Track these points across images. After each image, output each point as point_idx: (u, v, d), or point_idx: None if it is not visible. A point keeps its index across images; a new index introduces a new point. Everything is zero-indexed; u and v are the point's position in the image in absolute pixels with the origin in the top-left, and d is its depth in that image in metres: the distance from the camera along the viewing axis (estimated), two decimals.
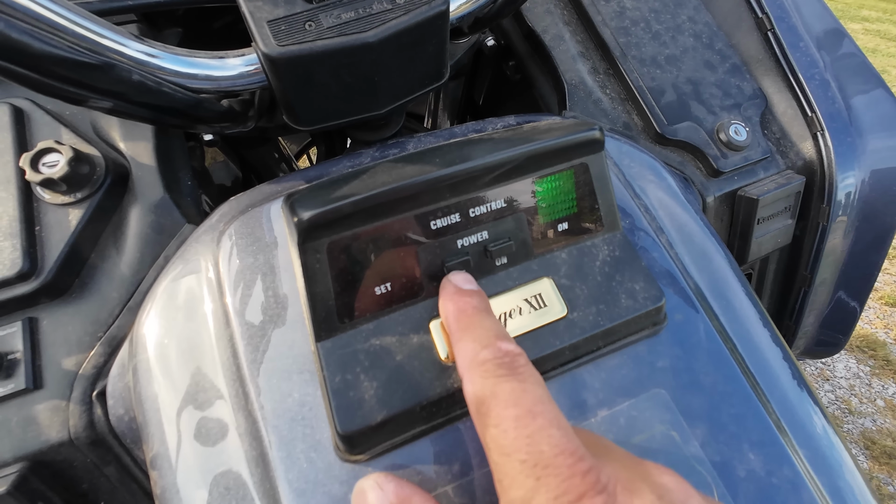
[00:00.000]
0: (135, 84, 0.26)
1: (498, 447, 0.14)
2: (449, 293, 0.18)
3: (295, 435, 0.21)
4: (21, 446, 0.28)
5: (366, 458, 0.19)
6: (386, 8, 0.30)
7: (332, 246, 0.19)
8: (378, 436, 0.19)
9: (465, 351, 0.16)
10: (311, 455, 0.20)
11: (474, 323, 0.17)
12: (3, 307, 0.29)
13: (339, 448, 0.20)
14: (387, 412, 0.19)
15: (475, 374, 0.15)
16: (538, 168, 0.21)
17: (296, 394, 0.22)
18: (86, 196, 0.31)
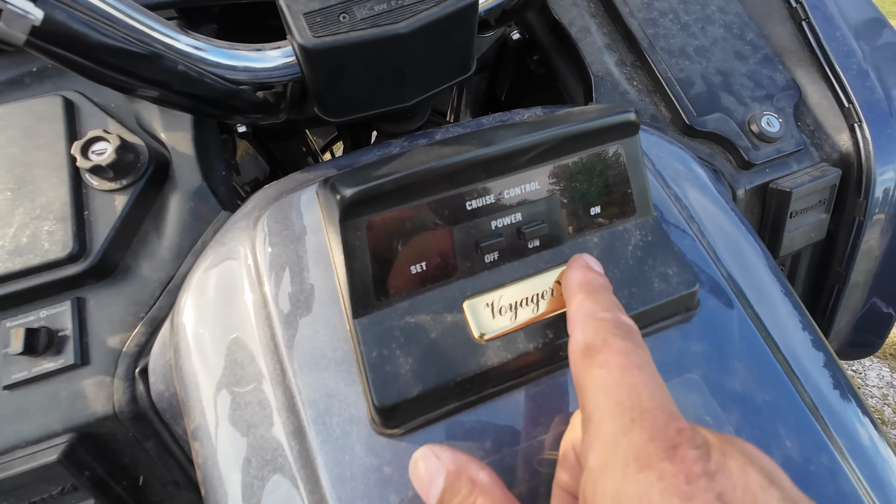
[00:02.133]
0: (179, 74, 0.27)
1: (599, 385, 0.14)
2: (579, 265, 0.19)
3: (331, 409, 0.21)
4: (70, 418, 0.29)
5: (400, 431, 0.20)
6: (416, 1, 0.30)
7: (371, 224, 0.19)
8: (413, 410, 0.20)
9: (585, 307, 0.17)
10: (347, 428, 0.21)
11: (599, 293, 0.18)
12: (54, 287, 0.31)
13: (375, 422, 0.20)
14: (422, 387, 0.19)
15: (590, 324, 0.16)
16: (572, 151, 0.21)
17: (331, 370, 0.22)
18: (130, 183, 0.33)
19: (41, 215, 0.31)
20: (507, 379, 0.21)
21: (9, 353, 0.29)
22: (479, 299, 0.21)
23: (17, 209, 0.31)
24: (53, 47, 0.22)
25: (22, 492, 0.28)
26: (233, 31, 0.48)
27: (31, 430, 0.29)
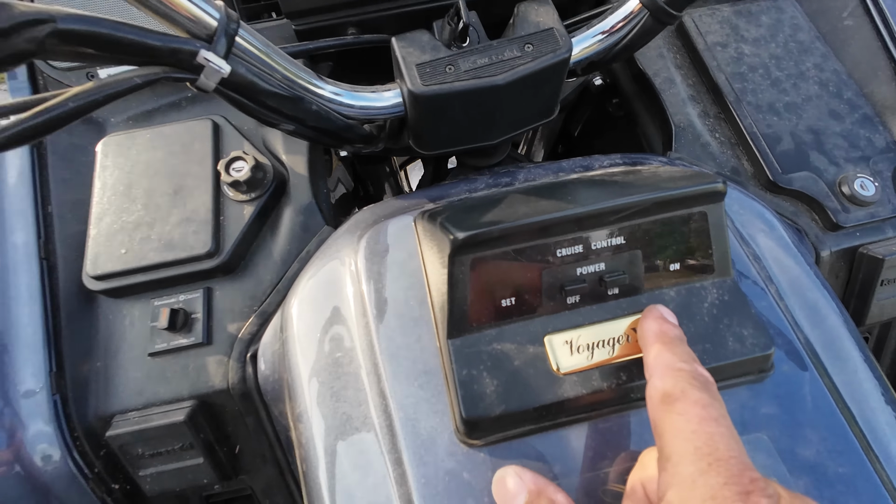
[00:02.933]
0: (314, 112, 0.32)
1: (678, 430, 0.16)
2: (655, 316, 0.21)
3: (419, 414, 0.25)
4: (194, 387, 0.35)
5: (481, 443, 0.23)
6: (515, 55, 0.34)
7: (474, 261, 0.23)
8: (494, 427, 0.23)
9: (663, 357, 0.19)
10: (432, 433, 0.24)
11: (676, 344, 0.20)
12: (191, 277, 0.37)
13: (459, 431, 0.23)
14: (504, 408, 0.22)
15: (668, 374, 0.18)
16: (660, 212, 0.23)
17: (420, 379, 0.26)
18: (257, 196, 0.39)
19: (190, 217, 0.38)
20: (580, 411, 0.23)
21: (156, 327, 0.36)
22: (559, 336, 0.24)
23: (174, 210, 0.38)
24: (230, 92, 0.28)
25: (154, 442, 0.35)
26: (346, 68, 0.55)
27: (166, 392, 0.35)
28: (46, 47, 0.20)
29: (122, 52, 0.23)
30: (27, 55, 0.20)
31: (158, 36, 0.24)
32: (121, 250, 0.37)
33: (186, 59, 0.25)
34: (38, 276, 0.36)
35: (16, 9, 0.19)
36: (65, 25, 0.21)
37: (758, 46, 0.45)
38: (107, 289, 0.37)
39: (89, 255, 0.37)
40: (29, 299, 0.36)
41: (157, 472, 0.36)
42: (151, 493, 0.36)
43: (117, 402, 0.35)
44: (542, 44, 0.34)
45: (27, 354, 0.34)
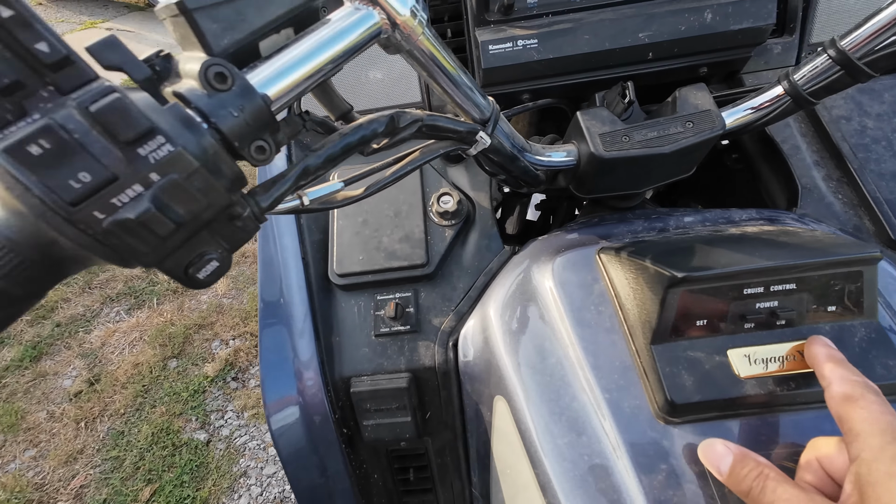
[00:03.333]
0: (520, 166, 0.44)
1: (863, 418, 0.23)
2: (823, 343, 0.30)
3: (622, 396, 0.34)
4: (409, 362, 0.47)
5: (678, 421, 0.32)
6: (679, 130, 0.44)
7: (684, 294, 0.32)
8: (691, 410, 0.32)
9: (838, 371, 0.27)
10: (634, 411, 0.34)
11: (845, 364, 0.28)
12: (405, 281, 0.50)
13: (659, 412, 0.33)
14: (701, 397, 0.32)
15: (846, 383, 0.26)
16: (828, 269, 0.32)
17: (616, 373, 0.35)
18: (456, 223, 0.51)
19: (408, 235, 0.51)
20: (756, 407, 0.32)
21: (380, 315, 0.49)
22: (739, 350, 0.33)
23: (395, 229, 0.51)
24: (481, 156, 0.40)
25: (379, 401, 0.47)
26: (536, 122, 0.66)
27: (389, 364, 0.47)
28: (414, 134, 0.33)
29: (443, 132, 0.35)
30: (405, 139, 0.33)
31: (462, 123, 0.36)
32: (359, 256, 0.50)
33: (470, 136, 0.37)
34: (301, 270, 0.50)
35: (407, 114, 0.32)
36: (427, 121, 0.33)
37: (881, 121, 0.52)
38: (345, 284, 0.50)
39: (336, 258, 0.50)
40: (298, 285, 0.49)
41: (376, 423, 0.48)
42: (368, 440, 0.48)
43: (353, 367, 0.48)
44: (701, 122, 0.44)
45: (303, 324, 0.48)
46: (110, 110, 0.17)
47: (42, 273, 0.18)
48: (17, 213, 0.17)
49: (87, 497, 1.21)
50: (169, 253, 0.20)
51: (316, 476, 0.47)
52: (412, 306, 0.49)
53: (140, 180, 0.18)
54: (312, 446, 0.46)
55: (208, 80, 0.20)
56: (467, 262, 0.51)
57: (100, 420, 1.38)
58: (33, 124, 0.16)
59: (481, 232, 0.52)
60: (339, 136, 0.29)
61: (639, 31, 0.49)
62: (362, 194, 0.34)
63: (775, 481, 0.25)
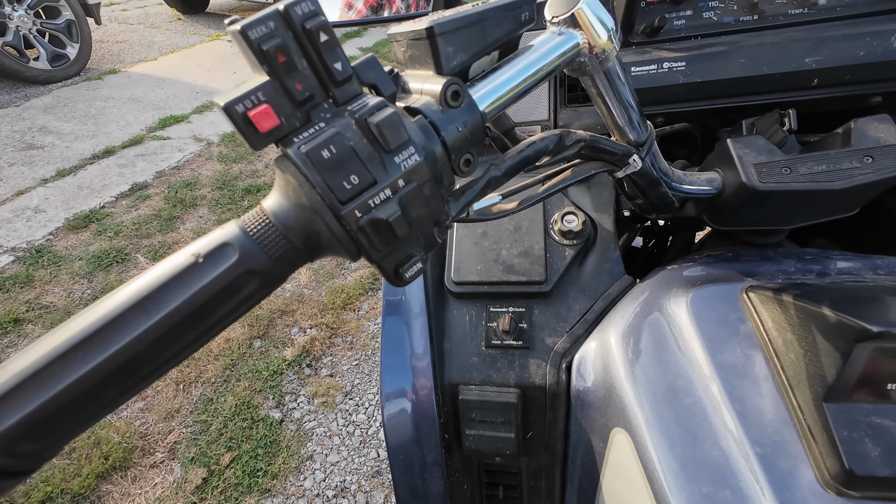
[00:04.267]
0: (660, 193, 0.42)
1: None
2: None
3: (777, 454, 0.31)
4: (519, 378, 0.47)
5: (857, 496, 0.28)
6: (854, 166, 0.40)
7: (875, 350, 0.29)
8: (877, 485, 0.28)
9: None
10: (792, 473, 0.30)
11: None
12: (521, 296, 0.50)
13: (830, 479, 0.29)
14: (890, 472, 0.28)
15: None
16: None
17: (770, 429, 0.32)
18: (577, 243, 0.50)
19: (527, 251, 0.51)
20: None
21: (492, 327, 0.49)
22: None
23: (515, 243, 0.52)
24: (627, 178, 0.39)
25: (485, 412, 0.47)
26: None
27: (498, 377, 0.47)
28: (576, 154, 0.33)
29: (603, 154, 0.35)
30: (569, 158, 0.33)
31: (619, 145, 0.36)
32: (476, 267, 0.51)
33: (624, 159, 0.37)
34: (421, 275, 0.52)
35: (574, 135, 0.32)
36: (589, 142, 0.33)
37: None
38: (460, 292, 0.51)
39: (453, 266, 0.52)
40: (418, 288, 0.51)
41: (478, 434, 0.48)
42: (467, 449, 0.49)
43: (461, 374, 0.49)
44: (884, 158, 0.39)
45: (420, 325, 0.50)
46: (387, 123, 0.19)
47: (297, 259, 0.21)
48: (299, 205, 0.19)
49: (179, 452, 1.35)
50: (392, 251, 0.22)
51: (416, 471, 0.49)
52: (525, 322, 0.49)
53: (391, 186, 0.20)
54: (417, 442, 0.48)
55: (446, 98, 0.22)
56: (585, 284, 0.50)
57: (195, 385, 1.54)
58: (324, 132, 0.19)
59: (602, 255, 0.51)
60: (517, 152, 0.30)
61: (805, 56, 0.46)
62: (516, 208, 0.35)
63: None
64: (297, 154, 0.19)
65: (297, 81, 0.19)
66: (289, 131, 0.19)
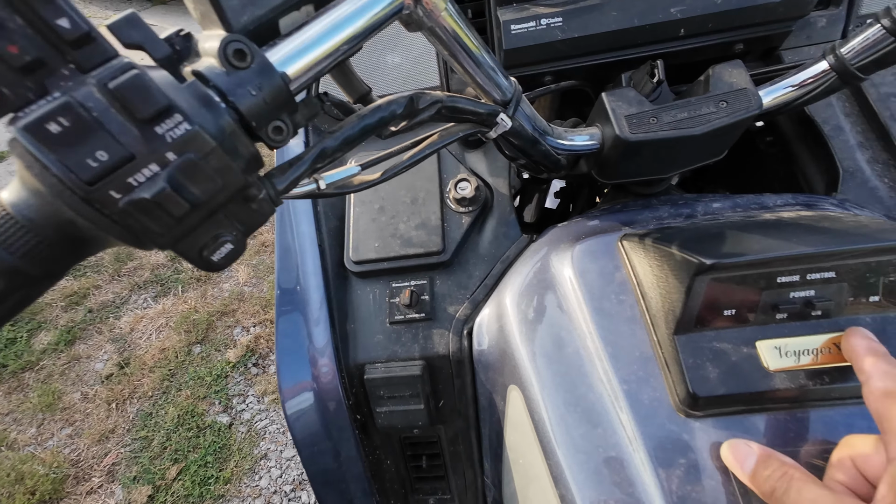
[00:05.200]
0: (541, 150, 0.42)
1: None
2: (863, 335, 0.28)
3: (640, 388, 0.33)
4: (423, 350, 0.47)
5: (700, 415, 0.31)
6: (711, 111, 0.41)
7: (711, 282, 0.31)
8: (715, 404, 0.30)
9: (880, 366, 0.26)
10: (653, 403, 0.32)
11: (886, 356, 0.26)
12: (421, 268, 0.49)
13: (680, 404, 0.31)
14: (726, 390, 0.30)
15: (888, 378, 0.25)
16: (869, 256, 0.29)
17: (636, 364, 0.34)
18: (473, 210, 0.50)
19: (424, 223, 0.50)
20: (786, 402, 0.30)
21: (395, 303, 0.48)
22: (769, 342, 0.31)
23: (412, 216, 0.50)
24: (501, 140, 0.39)
25: (393, 388, 0.47)
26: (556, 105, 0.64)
27: (403, 351, 0.47)
28: (435, 116, 0.32)
29: (462, 114, 0.34)
30: (425, 121, 0.32)
31: (483, 105, 0.35)
32: (374, 243, 0.50)
33: (491, 119, 0.36)
34: (317, 257, 0.50)
35: (427, 95, 0.31)
36: (447, 103, 0.32)
37: None
38: (361, 271, 0.50)
39: (352, 245, 0.50)
40: (315, 272, 0.49)
41: (388, 410, 0.48)
42: (380, 426, 0.49)
43: (367, 354, 0.48)
44: (736, 101, 0.41)
45: (317, 312, 0.48)
46: (129, 87, 0.17)
47: (59, 253, 0.18)
48: (36, 192, 0.17)
49: (119, 473, 1.27)
50: (184, 234, 0.19)
51: (330, 460, 0.48)
52: (427, 294, 0.49)
53: (157, 160, 0.18)
54: (326, 431, 0.47)
55: (227, 58, 0.20)
56: (484, 249, 0.50)
57: (129, 402, 1.44)
58: (53, 102, 0.16)
59: (499, 219, 0.51)
60: (358, 118, 0.28)
61: (670, 6, 0.47)
62: (379, 178, 0.34)
63: (801, 482, 0.24)
64: (18, 131, 0.16)
65: (10, 43, 0.16)
66: (18, 106, 0.17)
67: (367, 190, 0.53)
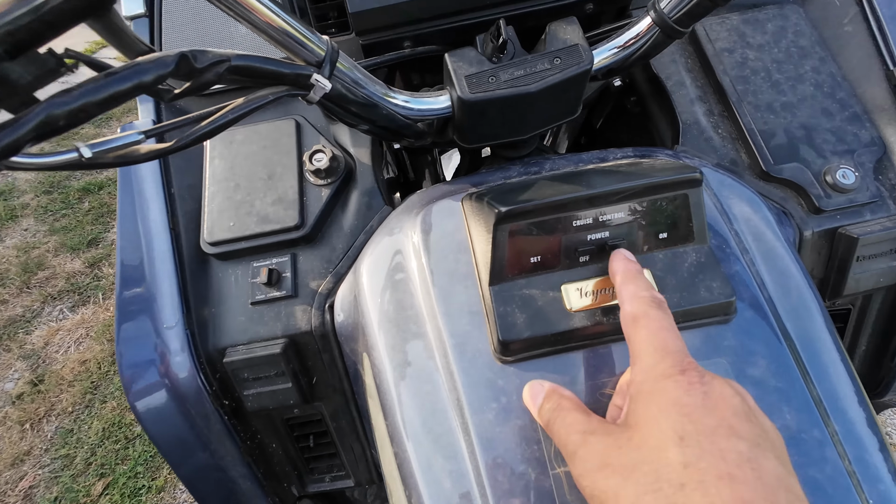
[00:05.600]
0: (384, 116, 0.41)
1: (641, 339, 0.24)
2: (621, 257, 0.29)
3: (467, 341, 0.34)
4: (286, 328, 0.46)
5: (512, 360, 0.32)
6: (546, 67, 0.42)
7: (512, 229, 0.31)
8: (522, 347, 0.31)
9: (630, 288, 0.27)
10: (476, 354, 0.33)
11: (638, 277, 0.28)
12: (281, 245, 0.48)
13: (497, 352, 0.32)
14: (530, 333, 0.31)
15: (636, 301, 0.26)
16: (652, 193, 0.31)
17: (466, 318, 0.35)
18: (332, 181, 0.49)
19: (281, 198, 0.48)
20: (585, 338, 0.31)
21: (255, 283, 0.47)
22: (572, 285, 0.32)
23: (268, 192, 0.48)
24: (327, 102, 0.38)
25: (256, 369, 0.45)
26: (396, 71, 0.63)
27: (265, 331, 0.46)
28: (223, 78, 0.30)
29: (265, 77, 0.33)
30: (212, 83, 0.30)
31: (286, 65, 0.33)
32: (229, 223, 0.47)
33: (304, 80, 0.34)
34: (169, 242, 0.47)
35: (208, 53, 0.29)
36: (236, 62, 0.30)
37: (762, 52, 0.51)
38: (218, 252, 0.47)
39: (206, 227, 0.47)
40: (164, 260, 0.47)
41: (256, 392, 0.46)
42: (251, 409, 0.47)
43: (228, 337, 0.46)
44: (568, 57, 0.42)
45: (168, 300, 0.45)
46: None
47: None
48: None
49: (38, 496, 1.19)
50: None
51: (200, 454, 0.46)
52: (289, 271, 0.47)
53: None
54: (190, 425, 0.45)
55: None
56: (348, 222, 0.49)
57: (46, 420, 1.34)
58: None
59: (362, 190, 0.50)
60: (105, 77, 0.25)
61: None
62: (172, 146, 0.31)
63: (566, 410, 0.25)
64: None
65: None
66: None
67: (222, 168, 0.51)
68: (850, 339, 0.52)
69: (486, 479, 0.29)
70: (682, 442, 0.19)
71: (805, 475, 0.27)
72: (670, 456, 0.19)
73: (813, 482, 0.27)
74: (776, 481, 0.18)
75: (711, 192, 0.40)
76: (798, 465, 0.28)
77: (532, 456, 0.29)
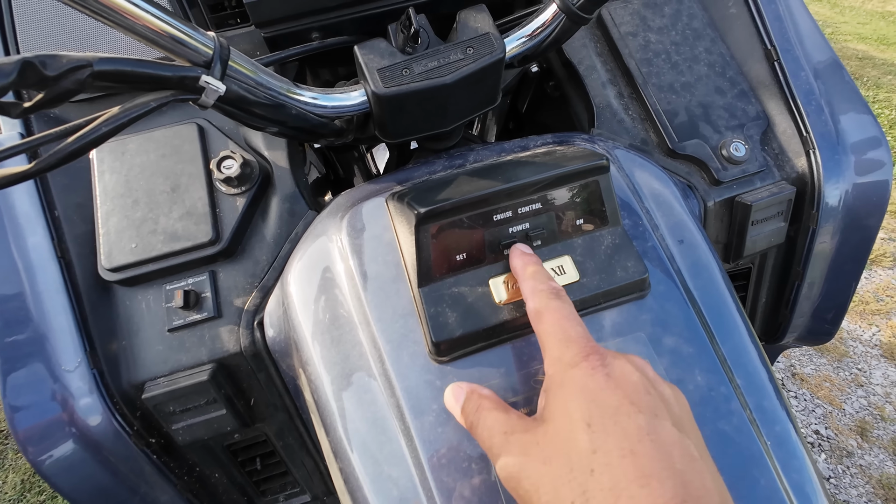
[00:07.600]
0: (293, 116, 0.39)
1: (546, 332, 0.25)
2: (518, 254, 0.30)
3: (402, 344, 0.33)
4: (212, 352, 0.42)
5: (447, 359, 0.32)
6: (459, 58, 0.41)
7: (434, 229, 0.31)
8: (456, 346, 0.31)
9: (530, 284, 0.27)
10: (413, 357, 0.33)
11: (536, 271, 0.28)
12: (197, 263, 0.44)
13: (431, 353, 0.32)
14: (462, 331, 0.31)
15: (536, 297, 0.27)
16: (565, 183, 0.32)
17: (400, 321, 0.34)
18: (247, 189, 0.45)
19: (190, 211, 0.44)
20: (515, 330, 0.32)
21: (171, 307, 0.43)
22: (499, 278, 0.32)
23: (174, 206, 0.44)
24: (226, 106, 0.34)
25: (183, 400, 0.42)
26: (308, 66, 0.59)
27: (188, 359, 0.42)
28: (86, 86, 0.26)
29: (142, 82, 0.29)
30: (73, 93, 0.26)
31: (168, 67, 0.30)
32: (131, 245, 0.43)
33: (191, 83, 0.31)
34: (58, 272, 0.42)
35: (63, 58, 0.25)
36: (100, 67, 0.26)
37: (661, 34, 0.54)
38: (122, 279, 0.42)
39: (103, 251, 0.42)
40: (55, 293, 0.41)
41: (187, 424, 0.43)
42: (183, 442, 0.44)
43: (145, 371, 0.42)
44: (480, 47, 0.42)
45: (64, 339, 0.40)
46: None
47: None
48: None
49: None
50: None
51: (130, 502, 0.42)
52: (209, 290, 0.44)
53: None
54: (111, 473, 0.41)
55: None
56: (270, 231, 0.46)
57: None
58: None
59: (282, 196, 0.47)
60: None
61: None
62: (33, 169, 0.27)
63: (486, 410, 0.25)
64: None
65: None
66: None
67: (115, 183, 0.45)
68: (752, 293, 0.58)
69: (431, 481, 0.29)
70: (590, 428, 0.20)
71: (715, 428, 0.30)
72: (580, 443, 0.20)
73: (721, 434, 0.30)
74: (671, 446, 0.20)
75: (624, 172, 0.42)
76: (709, 420, 0.31)
77: (476, 453, 0.30)
